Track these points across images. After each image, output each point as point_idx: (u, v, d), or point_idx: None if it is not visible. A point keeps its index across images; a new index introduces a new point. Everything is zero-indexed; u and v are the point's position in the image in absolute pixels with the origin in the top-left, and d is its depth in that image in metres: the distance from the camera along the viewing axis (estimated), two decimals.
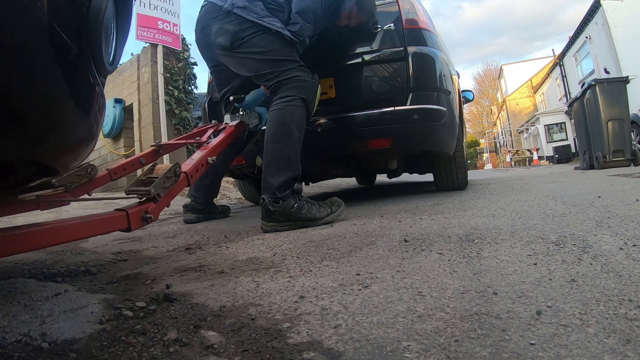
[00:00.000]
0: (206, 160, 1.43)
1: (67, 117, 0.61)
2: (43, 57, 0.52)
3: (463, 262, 0.83)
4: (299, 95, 1.58)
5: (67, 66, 0.57)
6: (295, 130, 1.56)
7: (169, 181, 1.13)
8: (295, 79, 1.60)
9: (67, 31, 0.55)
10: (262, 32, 1.59)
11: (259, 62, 1.62)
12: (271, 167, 1.51)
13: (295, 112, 1.57)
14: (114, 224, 0.89)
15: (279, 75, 1.60)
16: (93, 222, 0.82)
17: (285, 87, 1.60)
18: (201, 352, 0.53)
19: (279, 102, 1.58)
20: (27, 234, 0.67)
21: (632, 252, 0.79)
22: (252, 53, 1.62)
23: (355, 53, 1.99)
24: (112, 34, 0.75)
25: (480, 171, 13.86)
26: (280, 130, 1.54)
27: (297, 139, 1.56)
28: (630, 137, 5.06)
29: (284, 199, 1.47)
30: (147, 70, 4.74)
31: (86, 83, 0.65)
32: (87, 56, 0.62)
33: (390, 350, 0.49)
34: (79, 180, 1.26)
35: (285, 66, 1.61)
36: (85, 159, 0.81)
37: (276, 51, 1.61)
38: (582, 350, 0.45)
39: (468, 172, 2.90)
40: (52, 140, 0.60)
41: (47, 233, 0.71)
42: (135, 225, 0.94)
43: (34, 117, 0.54)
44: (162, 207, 1.11)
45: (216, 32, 1.65)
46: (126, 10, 0.79)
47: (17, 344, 0.57)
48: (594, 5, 12.19)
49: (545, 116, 18.53)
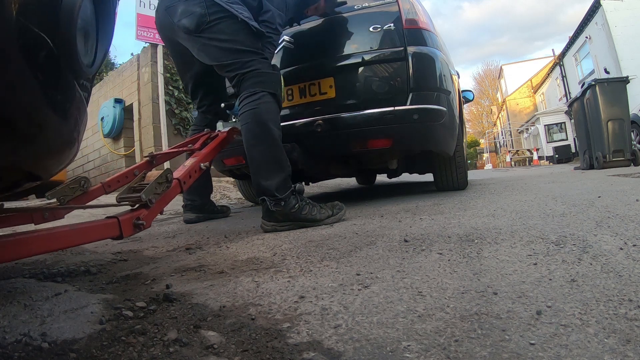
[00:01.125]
0: (199, 166, 1.43)
1: (39, 121, 0.58)
2: (9, 58, 0.49)
3: (463, 262, 0.83)
4: (267, 90, 1.53)
5: (37, 68, 0.54)
6: (274, 127, 1.52)
7: (160, 187, 1.11)
8: (256, 72, 1.54)
9: (36, 31, 0.52)
10: (229, 19, 1.53)
11: (222, 51, 1.56)
12: (262, 171, 1.49)
13: (270, 109, 1.53)
14: (105, 231, 0.87)
15: (240, 67, 1.55)
16: (84, 229, 0.80)
17: (249, 82, 1.54)
18: (201, 352, 0.53)
19: (249, 101, 1.53)
20: (15, 241, 0.65)
21: (632, 252, 0.79)
22: (216, 40, 1.55)
23: (355, 53, 1.99)
24: (91, 35, 0.73)
25: (480, 171, 13.86)
26: (260, 131, 1.50)
27: (278, 136, 1.53)
28: (630, 137, 5.06)
29: (285, 200, 1.46)
30: (147, 70, 4.74)
31: (61, 86, 0.62)
32: (60, 58, 0.59)
33: (390, 350, 0.49)
34: (72, 194, 1.26)
35: (247, 57, 1.55)
36: (66, 163, 0.78)
37: (240, 41, 1.55)
38: (582, 350, 0.45)
39: (468, 172, 2.90)
40: (25, 145, 0.58)
41: (37, 241, 0.69)
42: (127, 232, 0.93)
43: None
44: (155, 214, 1.09)
45: (181, 13, 1.57)
46: (108, 11, 0.76)
47: (17, 344, 0.56)
48: (594, 5, 12.19)
49: (545, 116, 18.53)
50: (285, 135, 1.95)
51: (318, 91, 2.00)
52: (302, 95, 2.03)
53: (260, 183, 1.49)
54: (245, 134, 1.54)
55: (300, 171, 2.19)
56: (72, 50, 0.61)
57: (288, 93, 2.07)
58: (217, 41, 1.55)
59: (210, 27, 1.53)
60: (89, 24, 0.71)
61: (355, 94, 1.96)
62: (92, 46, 0.74)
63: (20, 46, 0.50)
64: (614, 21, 11.34)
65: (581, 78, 13.67)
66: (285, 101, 2.07)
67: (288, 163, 1.54)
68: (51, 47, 0.56)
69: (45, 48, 0.55)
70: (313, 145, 2.00)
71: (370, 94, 1.94)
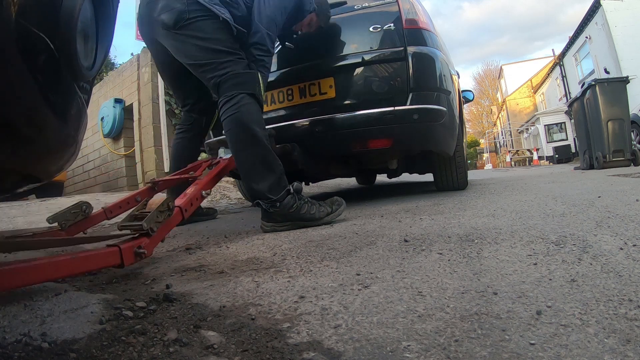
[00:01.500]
0: (200, 194, 1.43)
1: (39, 122, 0.57)
2: (9, 60, 0.49)
3: (463, 262, 0.83)
4: (245, 91, 1.50)
5: (37, 70, 0.54)
6: (258, 129, 1.49)
7: (162, 215, 1.11)
8: (232, 74, 1.51)
9: (36, 32, 0.52)
10: (209, 18, 1.50)
11: (199, 50, 1.53)
12: (251, 175, 1.48)
13: (251, 110, 1.49)
14: (106, 259, 0.86)
15: (215, 68, 1.51)
16: (84, 258, 0.79)
17: (226, 84, 1.51)
18: (201, 352, 0.53)
19: (229, 106, 1.50)
20: (14, 270, 0.64)
21: (632, 252, 0.79)
22: (194, 38, 1.52)
23: (355, 53, 1.99)
24: (91, 37, 0.72)
25: (480, 171, 13.86)
26: (245, 134, 1.48)
27: (263, 137, 1.50)
28: (630, 137, 5.06)
29: (280, 201, 1.45)
30: (147, 70, 4.74)
31: (60, 88, 0.61)
32: (60, 60, 0.58)
33: (390, 350, 0.49)
34: (74, 218, 1.27)
35: (223, 58, 1.52)
36: (67, 165, 0.78)
37: (219, 41, 1.52)
38: (582, 350, 0.45)
39: (468, 172, 2.90)
40: (24, 147, 0.57)
41: (37, 269, 0.68)
42: (128, 261, 0.92)
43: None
44: (157, 242, 1.09)
45: (161, 8, 1.55)
46: (108, 12, 0.76)
47: (17, 344, 0.56)
48: (594, 5, 12.19)
49: (545, 116, 18.53)
50: (285, 135, 1.95)
51: (318, 91, 2.00)
52: (302, 95, 2.03)
53: (252, 187, 1.48)
54: (230, 140, 1.52)
55: (300, 171, 2.20)
56: (72, 52, 0.61)
57: (288, 93, 2.07)
58: (195, 39, 1.53)
59: (189, 24, 1.51)
60: (89, 26, 0.70)
61: (355, 94, 1.96)
62: (92, 48, 0.73)
63: (20, 48, 0.50)
64: (614, 21, 11.34)
65: (581, 78, 13.67)
66: (285, 101, 2.07)
67: (278, 163, 1.51)
68: (51, 49, 0.56)
69: (45, 50, 0.55)
70: (313, 145, 2.00)
71: (370, 94, 1.94)
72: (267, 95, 2.03)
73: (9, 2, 0.47)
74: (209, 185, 1.54)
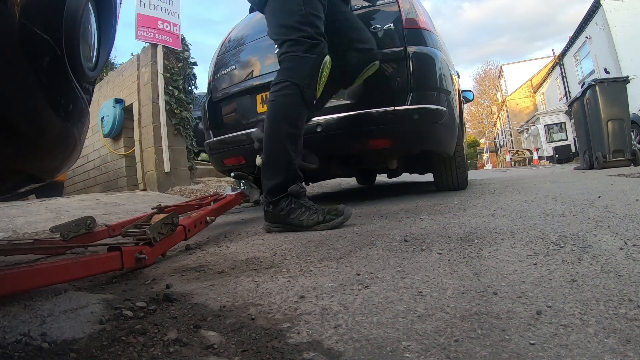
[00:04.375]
0: (205, 218, 1.44)
1: (41, 123, 0.58)
2: (12, 61, 0.49)
3: (463, 262, 0.83)
4: (290, 80, 1.40)
5: (40, 71, 0.54)
6: (286, 125, 1.41)
7: (165, 227, 1.12)
8: (288, 56, 1.42)
9: (39, 34, 0.52)
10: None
11: (272, 28, 1.49)
12: (266, 169, 1.48)
13: (287, 103, 1.41)
14: (107, 263, 0.87)
15: (280, 46, 1.44)
16: (85, 262, 0.80)
17: (281, 66, 1.45)
18: (201, 352, 0.53)
19: (272, 90, 1.44)
20: (17, 274, 0.64)
21: (632, 252, 0.79)
22: (271, 16, 1.49)
23: None
24: (94, 39, 0.73)
25: (480, 171, 13.86)
26: (270, 128, 1.44)
27: (286, 135, 1.41)
28: (630, 137, 5.07)
29: (274, 204, 1.45)
30: (147, 70, 4.74)
31: (63, 89, 0.62)
32: (63, 61, 0.59)
33: (390, 350, 0.49)
34: (77, 231, 1.28)
35: (286, 35, 1.41)
36: (68, 165, 0.78)
37: (287, 12, 1.41)
38: (582, 350, 0.45)
39: (468, 172, 2.90)
40: (27, 148, 0.58)
41: (39, 274, 0.68)
42: (128, 264, 0.93)
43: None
44: (157, 254, 1.10)
45: None
46: (110, 14, 0.76)
47: (17, 344, 0.56)
48: (594, 5, 12.19)
49: (545, 116, 18.55)
50: None
51: None
52: None
53: (263, 179, 1.50)
54: (264, 126, 1.49)
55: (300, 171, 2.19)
56: (75, 54, 0.62)
57: None
58: (271, 17, 1.50)
59: (267, 1, 1.49)
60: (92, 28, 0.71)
61: (355, 93, 1.96)
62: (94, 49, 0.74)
63: (24, 49, 0.50)
64: (614, 21, 11.35)
65: (581, 78, 13.68)
66: None
67: (293, 167, 1.44)
68: (54, 51, 0.56)
69: (49, 51, 0.55)
70: (313, 145, 2.00)
71: (370, 94, 1.94)
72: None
73: (13, 3, 0.47)
74: (215, 213, 1.56)
